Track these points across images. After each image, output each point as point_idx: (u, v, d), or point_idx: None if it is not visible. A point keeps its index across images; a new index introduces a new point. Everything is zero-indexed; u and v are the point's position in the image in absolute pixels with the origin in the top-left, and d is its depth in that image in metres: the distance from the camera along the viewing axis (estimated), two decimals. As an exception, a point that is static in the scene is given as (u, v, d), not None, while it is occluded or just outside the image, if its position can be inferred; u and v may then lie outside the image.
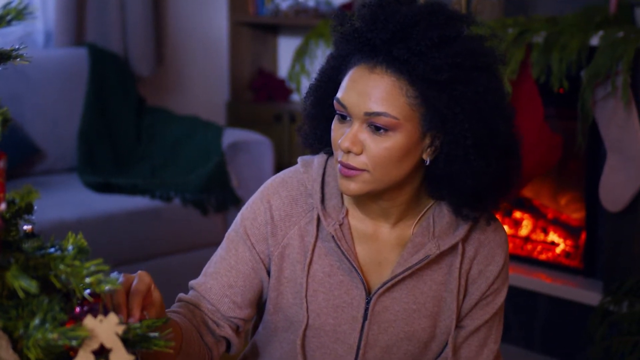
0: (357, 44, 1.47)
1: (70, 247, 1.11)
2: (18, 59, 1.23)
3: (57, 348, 1.07)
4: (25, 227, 1.22)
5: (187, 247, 3.36)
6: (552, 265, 3.45)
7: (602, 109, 3.03)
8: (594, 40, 3.01)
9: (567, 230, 3.46)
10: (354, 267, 1.57)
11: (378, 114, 1.44)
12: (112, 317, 1.12)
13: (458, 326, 1.64)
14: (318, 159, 1.62)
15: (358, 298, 1.59)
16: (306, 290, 1.59)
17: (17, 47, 1.23)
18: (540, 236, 3.54)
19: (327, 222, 1.57)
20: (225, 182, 3.49)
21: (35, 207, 1.23)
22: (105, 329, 1.11)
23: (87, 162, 3.66)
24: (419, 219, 1.60)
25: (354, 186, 1.49)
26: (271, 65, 4.74)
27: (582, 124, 3.04)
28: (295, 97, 4.51)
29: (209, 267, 1.64)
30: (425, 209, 1.60)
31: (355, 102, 1.46)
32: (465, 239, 1.60)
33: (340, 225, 1.58)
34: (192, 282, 1.66)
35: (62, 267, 1.08)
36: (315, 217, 1.59)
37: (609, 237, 3.16)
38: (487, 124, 1.47)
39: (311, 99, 1.59)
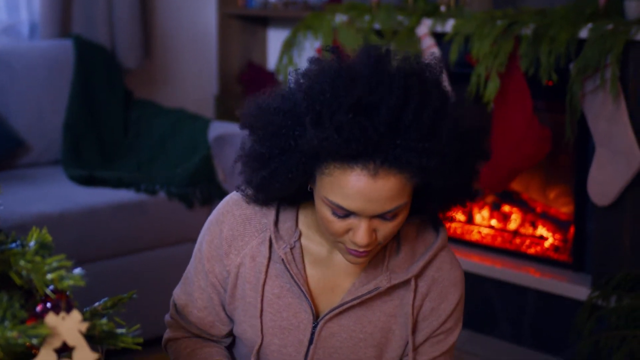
0: (344, 155, 1.37)
1: (32, 243, 1.08)
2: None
3: (17, 347, 1.05)
4: (-12, 222, 1.20)
5: (173, 241, 3.33)
6: (541, 260, 3.43)
7: (590, 102, 3.00)
8: (583, 33, 2.99)
9: (555, 224, 3.44)
10: (302, 291, 1.57)
11: (391, 211, 1.42)
12: (75, 315, 1.09)
13: None
14: None
15: (305, 322, 1.58)
16: (261, 311, 1.59)
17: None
18: (529, 230, 3.52)
19: (277, 245, 1.56)
20: (211, 175, 3.45)
21: (1, 205, 1.20)
22: (67, 326, 1.08)
23: (72, 155, 3.62)
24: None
25: (366, 260, 1.50)
26: (261, 57, 4.70)
27: (571, 117, 3.01)
28: (285, 90, 4.48)
29: (188, 286, 1.67)
30: None
31: (365, 207, 1.40)
32: (418, 275, 1.58)
33: (292, 248, 1.57)
34: (177, 304, 1.70)
35: (22, 263, 1.05)
36: (268, 238, 1.58)
37: (598, 231, 3.14)
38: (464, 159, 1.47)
39: (277, 183, 1.47)
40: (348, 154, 1.36)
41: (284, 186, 1.47)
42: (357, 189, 1.38)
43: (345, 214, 1.42)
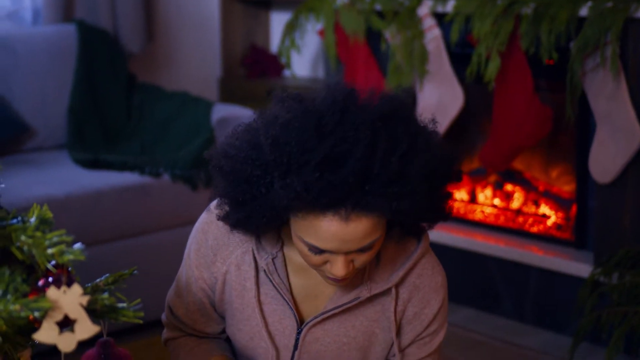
0: (314, 197, 1.37)
1: (32, 219, 1.11)
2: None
3: (20, 320, 1.07)
4: (-10, 200, 1.22)
5: (177, 223, 3.35)
6: (544, 238, 3.45)
7: (591, 81, 3.01)
8: (583, 11, 2.99)
9: (558, 202, 3.45)
10: (284, 299, 1.60)
11: (365, 247, 1.45)
12: (76, 288, 1.12)
13: None
14: None
15: (290, 328, 1.63)
16: (266, 323, 1.63)
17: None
18: (531, 209, 3.53)
19: (259, 256, 1.60)
20: (215, 157, 3.47)
21: (5, 181, 1.22)
22: (69, 300, 1.11)
23: (76, 139, 3.64)
24: None
25: (347, 282, 1.53)
26: (263, 40, 4.71)
27: (571, 95, 3.02)
28: (288, 73, 4.49)
29: (180, 289, 1.71)
30: None
31: (339, 247, 1.43)
32: (399, 283, 1.61)
33: (274, 258, 1.60)
34: (171, 306, 1.74)
35: (23, 238, 1.07)
36: (251, 249, 1.61)
37: (600, 209, 3.15)
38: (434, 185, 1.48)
39: (253, 225, 1.50)
40: (318, 207, 1.38)
41: (260, 227, 1.51)
42: (330, 233, 1.41)
43: (321, 251, 1.45)
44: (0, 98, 3.53)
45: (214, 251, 1.64)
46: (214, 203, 1.63)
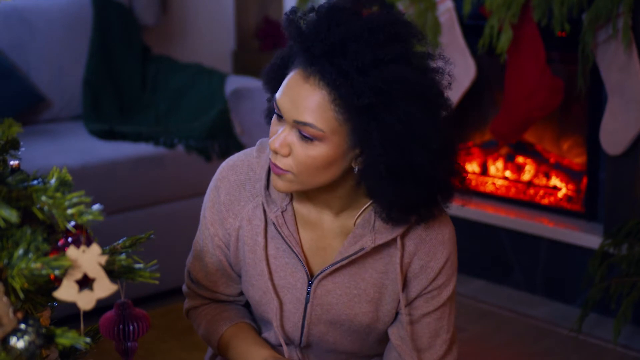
0: (299, 49, 1.51)
1: (52, 180, 1.14)
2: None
3: (41, 277, 1.11)
4: (12, 163, 1.26)
5: (191, 194, 3.39)
6: (554, 210, 3.47)
7: (603, 52, 3.02)
8: (596, -17, 3.00)
9: (569, 174, 3.47)
10: (294, 252, 1.64)
11: (305, 124, 1.49)
12: (95, 248, 1.15)
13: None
14: None
15: (301, 281, 1.66)
16: (270, 274, 1.66)
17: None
18: (542, 181, 3.55)
19: (269, 209, 1.64)
20: (229, 129, 3.50)
21: (22, 151, 1.25)
22: (88, 259, 1.14)
23: (92, 110, 3.68)
24: (362, 211, 1.64)
25: (281, 184, 1.56)
26: (277, 13, 4.72)
27: (583, 67, 3.03)
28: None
29: (197, 252, 1.75)
30: (368, 203, 1.63)
31: (288, 107, 1.50)
32: (405, 235, 1.63)
33: (283, 212, 1.64)
34: (190, 270, 1.78)
35: (44, 198, 1.11)
36: (261, 202, 1.65)
37: (610, 180, 3.17)
38: (404, 154, 1.48)
39: (268, 84, 1.63)
40: (299, 48, 1.50)
41: (272, 72, 1.61)
42: (288, 83, 1.50)
43: (278, 114, 1.52)
44: (17, 69, 3.57)
45: (226, 207, 1.68)
46: (224, 162, 1.71)
